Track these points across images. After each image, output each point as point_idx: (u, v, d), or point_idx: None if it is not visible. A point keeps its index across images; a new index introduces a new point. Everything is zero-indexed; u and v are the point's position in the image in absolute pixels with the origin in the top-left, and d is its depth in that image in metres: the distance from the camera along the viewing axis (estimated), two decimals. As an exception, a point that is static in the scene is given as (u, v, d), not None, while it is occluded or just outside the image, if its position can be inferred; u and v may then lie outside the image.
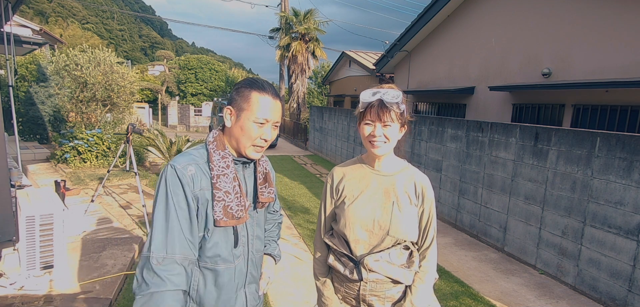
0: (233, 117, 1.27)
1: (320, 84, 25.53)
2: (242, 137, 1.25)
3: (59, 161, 8.00)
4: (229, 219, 1.22)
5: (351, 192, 1.46)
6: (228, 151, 1.28)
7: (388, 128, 1.35)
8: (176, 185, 1.17)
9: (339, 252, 1.48)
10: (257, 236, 1.40)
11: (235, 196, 1.24)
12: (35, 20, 27.77)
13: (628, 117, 5.05)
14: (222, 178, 1.22)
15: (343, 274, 1.46)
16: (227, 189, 1.22)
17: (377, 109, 1.34)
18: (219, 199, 1.21)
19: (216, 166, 1.23)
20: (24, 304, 2.85)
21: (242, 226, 1.32)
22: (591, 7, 5.46)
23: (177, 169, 1.18)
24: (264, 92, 1.25)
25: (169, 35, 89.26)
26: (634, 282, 3.31)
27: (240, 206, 1.25)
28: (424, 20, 8.74)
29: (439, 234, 5.40)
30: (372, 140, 1.37)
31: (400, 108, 1.37)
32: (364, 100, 1.38)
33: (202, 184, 1.21)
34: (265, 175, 1.41)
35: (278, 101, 1.30)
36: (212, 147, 1.26)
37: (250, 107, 1.23)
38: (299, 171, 9.54)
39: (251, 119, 1.23)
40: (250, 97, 1.24)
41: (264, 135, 1.26)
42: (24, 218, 3.08)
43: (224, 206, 1.21)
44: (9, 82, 5.23)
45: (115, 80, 9.11)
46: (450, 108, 8.74)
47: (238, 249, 1.31)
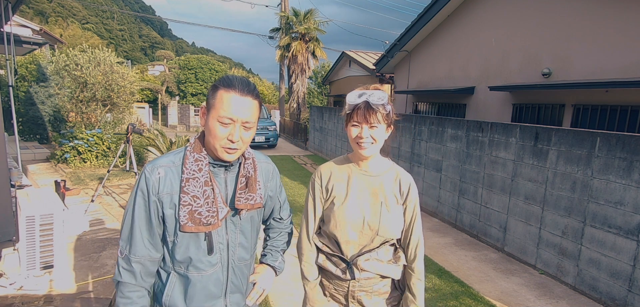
0: (204, 116, 1.23)
1: (320, 84, 25.53)
2: (209, 137, 1.19)
3: (59, 161, 8.00)
4: (196, 225, 1.17)
5: (340, 192, 1.46)
6: (204, 154, 1.22)
7: (374, 129, 1.37)
8: (142, 186, 1.19)
9: (329, 253, 1.49)
10: (241, 244, 1.31)
11: (206, 201, 1.18)
12: (35, 20, 27.76)
13: (628, 117, 5.05)
14: (192, 182, 1.18)
15: (335, 274, 1.48)
16: (195, 193, 1.17)
17: (364, 111, 1.35)
18: (185, 203, 1.17)
19: (188, 169, 1.19)
20: (24, 304, 2.85)
21: (220, 233, 1.25)
22: (591, 7, 5.46)
23: (146, 170, 1.20)
24: (229, 89, 1.16)
25: (169, 35, 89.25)
26: (634, 282, 3.31)
27: (211, 212, 1.19)
28: (424, 20, 8.73)
29: (439, 234, 5.40)
30: (359, 142, 1.38)
31: (386, 109, 1.38)
32: (350, 102, 1.39)
33: (169, 188, 1.19)
34: (248, 179, 1.29)
35: (248, 98, 1.18)
36: (189, 149, 1.23)
37: (215, 105, 1.16)
38: (299, 171, 9.54)
39: (215, 118, 1.16)
40: (216, 94, 1.17)
41: (230, 135, 1.16)
42: (24, 218, 3.08)
43: (191, 211, 1.17)
44: (9, 82, 5.23)
45: (115, 80, 9.11)
46: (450, 108, 8.74)
47: (214, 256, 1.24)
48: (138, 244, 1.18)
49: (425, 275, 3.98)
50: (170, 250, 1.23)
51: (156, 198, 1.18)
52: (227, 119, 1.15)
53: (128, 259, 1.19)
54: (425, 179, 6.37)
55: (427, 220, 6.02)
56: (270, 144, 13.83)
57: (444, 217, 5.99)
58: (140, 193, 1.18)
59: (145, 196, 1.18)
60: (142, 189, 1.18)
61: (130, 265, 1.19)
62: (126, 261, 1.19)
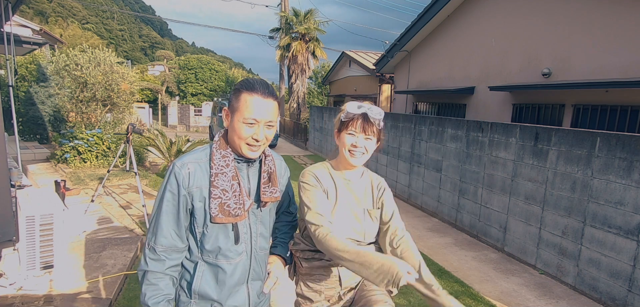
0: (229, 118, 1.32)
1: (320, 84, 25.53)
2: (235, 137, 1.29)
3: (59, 161, 8.00)
4: (226, 216, 1.27)
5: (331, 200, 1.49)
6: (230, 150, 1.32)
7: (369, 141, 1.44)
8: (172, 182, 1.26)
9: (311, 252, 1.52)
10: (261, 234, 1.42)
11: (234, 194, 1.28)
12: (35, 20, 27.77)
13: (628, 117, 5.05)
14: (221, 176, 1.27)
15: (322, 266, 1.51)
16: (224, 187, 1.27)
17: (363, 122, 1.42)
18: (216, 196, 1.26)
19: (216, 165, 1.28)
20: (24, 304, 2.85)
21: (244, 223, 1.35)
22: (591, 7, 5.46)
23: (175, 166, 1.27)
24: (253, 92, 1.26)
25: (169, 35, 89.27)
26: (634, 282, 3.31)
27: (239, 204, 1.29)
28: (424, 20, 8.74)
29: (439, 234, 5.39)
30: (353, 150, 1.43)
31: (380, 125, 1.46)
32: (350, 111, 1.44)
33: (199, 182, 1.27)
34: (270, 174, 1.42)
35: (270, 100, 1.29)
36: (215, 147, 1.32)
37: (240, 107, 1.26)
38: (299, 171, 9.53)
39: (241, 120, 1.26)
40: (240, 97, 1.27)
41: (255, 135, 1.27)
42: (24, 218, 3.08)
43: (221, 203, 1.26)
44: (9, 82, 5.23)
45: (115, 80, 9.11)
46: (450, 108, 8.74)
47: (240, 245, 1.34)
48: (165, 235, 1.26)
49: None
50: (198, 240, 1.30)
51: (186, 192, 1.26)
52: (252, 120, 1.25)
53: (153, 249, 1.26)
54: (425, 179, 6.37)
55: (427, 220, 6.02)
56: (271, 144, 13.82)
57: (444, 217, 5.99)
58: (169, 187, 1.26)
59: (174, 190, 1.26)
60: (172, 183, 1.26)
61: (156, 254, 1.26)
62: (152, 251, 1.26)
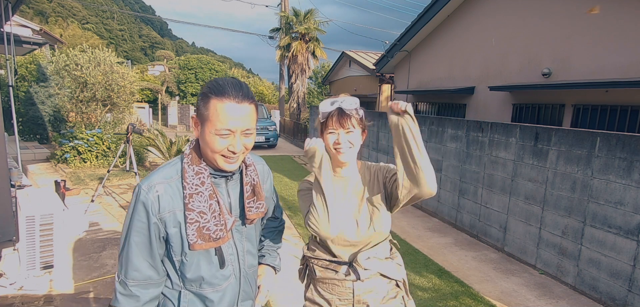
0: (198, 127, 1.13)
1: (320, 84, 25.53)
2: (207, 150, 1.11)
3: (59, 161, 8.00)
4: (206, 242, 1.11)
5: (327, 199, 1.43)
6: (204, 165, 1.14)
7: (351, 134, 1.40)
8: (138, 209, 1.09)
9: (327, 261, 1.47)
10: (248, 251, 1.28)
11: (213, 215, 1.12)
12: (35, 20, 27.77)
13: (628, 117, 5.04)
14: (196, 197, 1.10)
15: (337, 278, 1.43)
16: (201, 209, 1.10)
17: (338, 117, 1.38)
18: (192, 220, 1.09)
19: (189, 184, 1.10)
20: (24, 304, 2.85)
21: (229, 244, 1.20)
22: (591, 7, 5.46)
23: (141, 190, 1.09)
24: (224, 98, 1.06)
25: (169, 35, 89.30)
26: (634, 282, 3.31)
27: (220, 226, 1.13)
28: (424, 20, 8.73)
29: (439, 234, 5.39)
30: (337, 148, 1.40)
31: (359, 113, 1.42)
32: (324, 111, 1.41)
33: (172, 205, 1.10)
34: (254, 187, 1.25)
35: (245, 104, 1.09)
36: (187, 162, 1.13)
37: (210, 117, 1.06)
38: (299, 171, 9.54)
39: (212, 131, 1.07)
40: (209, 104, 1.07)
41: (231, 146, 1.09)
42: (24, 218, 3.08)
43: (198, 228, 1.10)
44: (9, 82, 5.23)
45: (115, 80, 9.11)
46: (450, 108, 8.74)
47: (227, 269, 1.19)
48: (137, 268, 1.10)
49: (425, 275, 3.98)
50: (178, 269, 1.15)
51: (157, 219, 1.09)
52: (226, 131, 1.07)
53: (124, 283, 1.11)
54: (425, 179, 6.35)
55: (427, 220, 6.02)
56: (270, 144, 13.83)
57: (444, 217, 5.99)
58: (137, 215, 1.09)
59: (143, 218, 1.08)
60: (139, 211, 1.08)
61: (128, 289, 1.10)
62: (123, 285, 1.11)
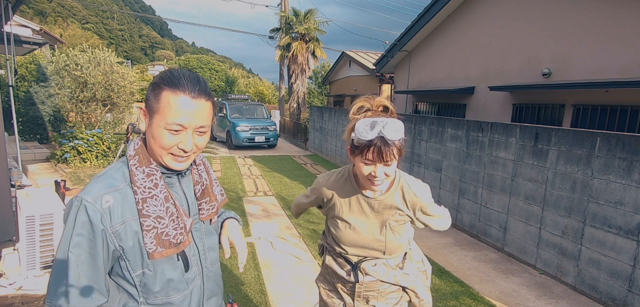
0: (146, 118, 1.03)
1: (320, 84, 25.53)
2: (154, 145, 1.01)
3: (59, 160, 8.00)
4: (166, 249, 1.01)
5: (343, 215, 1.43)
6: (155, 165, 1.03)
7: (389, 166, 1.23)
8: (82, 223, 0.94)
9: (336, 253, 1.51)
10: (210, 248, 1.21)
11: (171, 219, 1.02)
12: (35, 20, 27.76)
13: (628, 117, 5.05)
14: (150, 201, 1.00)
15: (339, 274, 1.50)
16: (158, 213, 1.00)
17: (379, 150, 1.18)
18: (149, 227, 0.99)
19: (140, 188, 0.99)
20: (24, 304, 2.85)
21: (191, 244, 1.13)
22: (591, 7, 5.46)
23: (86, 201, 0.94)
24: (177, 90, 0.97)
25: (169, 35, 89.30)
26: (634, 282, 3.31)
27: (179, 229, 1.04)
28: (424, 20, 8.74)
29: (439, 234, 5.40)
30: (372, 180, 1.25)
31: (401, 141, 1.22)
32: (362, 137, 1.19)
33: (124, 216, 0.98)
34: (203, 188, 1.17)
35: (201, 100, 1.00)
36: (134, 164, 1.01)
37: (160, 109, 0.97)
38: (299, 171, 9.54)
39: (162, 125, 0.97)
40: (160, 96, 0.97)
41: (181, 144, 0.99)
42: (24, 218, 3.08)
43: (157, 235, 1.00)
44: (9, 82, 5.24)
45: (115, 80, 9.11)
46: (450, 108, 8.74)
47: (191, 271, 1.12)
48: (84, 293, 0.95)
49: (425, 275, 3.98)
50: (139, 285, 1.03)
51: (109, 233, 0.96)
52: (177, 126, 0.97)
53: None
54: (425, 179, 6.37)
55: (427, 220, 6.02)
56: (270, 144, 13.83)
57: (444, 217, 5.98)
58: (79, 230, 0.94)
59: (88, 234, 0.94)
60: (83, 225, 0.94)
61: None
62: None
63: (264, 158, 11.40)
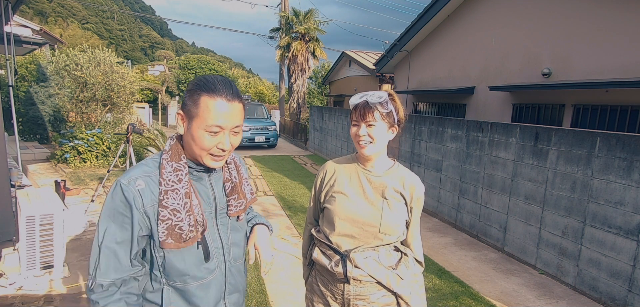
0: (184, 123, 1.12)
1: (320, 84, 25.52)
2: (194, 147, 1.10)
3: (59, 160, 8.00)
4: (175, 241, 1.08)
5: (342, 188, 1.47)
6: (184, 162, 1.13)
7: (372, 128, 1.37)
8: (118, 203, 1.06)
9: (325, 245, 1.48)
10: (235, 243, 1.27)
11: (187, 214, 1.09)
12: (35, 20, 27.76)
13: (628, 117, 5.05)
14: (171, 194, 1.08)
15: (328, 268, 1.45)
16: (175, 206, 1.08)
17: (361, 109, 1.38)
18: (164, 218, 1.07)
19: (165, 180, 1.08)
20: (24, 304, 2.85)
21: (213, 235, 1.19)
22: (591, 7, 5.46)
23: (122, 185, 1.06)
24: (215, 95, 1.07)
25: (169, 35, 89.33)
26: (634, 282, 3.31)
27: (191, 226, 1.10)
28: (424, 20, 8.73)
29: (439, 234, 5.40)
30: (358, 140, 1.40)
31: (386, 108, 1.38)
32: (352, 103, 1.43)
33: (154, 199, 1.09)
34: (233, 185, 1.25)
35: (236, 103, 1.11)
36: (166, 158, 1.12)
37: (200, 113, 1.07)
38: (299, 171, 9.54)
39: (202, 128, 1.07)
40: (199, 101, 1.07)
41: (220, 144, 1.10)
42: (24, 218, 3.08)
43: (170, 226, 1.07)
44: (9, 82, 5.24)
45: (115, 80, 9.11)
46: (450, 108, 8.74)
47: (212, 262, 1.18)
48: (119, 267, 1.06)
49: (425, 275, 3.98)
50: (160, 265, 1.13)
51: (141, 214, 1.06)
52: (217, 128, 1.07)
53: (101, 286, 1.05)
54: (425, 179, 6.37)
55: (427, 220, 6.02)
56: (270, 144, 13.83)
57: (444, 217, 5.99)
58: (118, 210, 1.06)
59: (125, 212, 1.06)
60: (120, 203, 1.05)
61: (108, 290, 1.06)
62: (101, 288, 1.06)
63: (264, 158, 11.40)
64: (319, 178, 1.58)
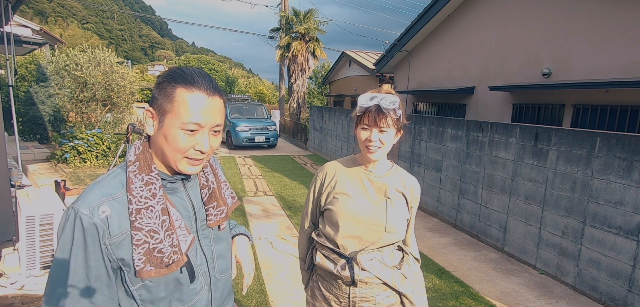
0: (155, 121, 0.94)
1: (320, 84, 25.53)
2: (167, 148, 0.93)
3: (59, 160, 8.00)
4: (156, 268, 0.91)
5: (345, 189, 1.46)
6: (156, 173, 0.95)
7: (384, 133, 1.37)
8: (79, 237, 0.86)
9: (328, 249, 1.45)
10: (220, 255, 1.12)
11: (167, 234, 0.93)
12: (35, 20, 27.76)
13: (628, 117, 5.05)
14: (145, 213, 0.91)
15: (333, 272, 1.42)
16: (152, 227, 0.91)
17: (374, 114, 1.35)
18: (140, 241, 0.90)
19: (136, 198, 0.91)
20: (24, 304, 2.86)
21: (197, 252, 1.04)
22: (591, 7, 5.46)
23: (81, 212, 0.87)
24: (193, 88, 0.91)
25: (169, 35, 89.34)
26: (634, 282, 3.31)
27: (174, 246, 0.94)
28: (424, 20, 8.74)
29: (439, 234, 5.40)
30: (368, 145, 1.38)
31: (397, 113, 1.38)
32: (362, 105, 1.38)
33: (122, 227, 0.90)
34: (211, 193, 1.09)
35: (216, 98, 0.95)
36: (133, 170, 0.93)
37: (175, 109, 0.90)
38: (299, 171, 9.54)
39: (177, 126, 0.91)
40: (174, 95, 0.91)
41: (198, 145, 0.93)
42: (24, 218, 3.08)
43: (148, 250, 0.90)
44: (9, 82, 5.24)
45: (115, 80, 9.11)
46: (450, 108, 8.74)
47: (197, 281, 1.03)
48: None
49: (425, 275, 3.98)
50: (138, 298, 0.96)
51: (107, 245, 0.88)
52: (194, 126, 0.91)
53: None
54: (425, 179, 6.38)
55: (427, 220, 6.02)
56: (270, 144, 13.83)
57: (444, 217, 5.99)
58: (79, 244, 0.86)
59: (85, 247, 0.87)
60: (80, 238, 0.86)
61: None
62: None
63: (264, 158, 11.40)
64: (318, 180, 1.54)
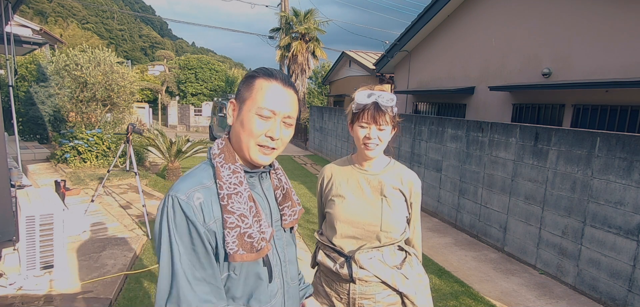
0: (235, 111, 1.02)
1: (320, 84, 25.52)
2: (242, 134, 0.99)
3: (59, 160, 8.00)
4: (247, 252, 0.93)
5: (340, 191, 1.48)
6: (239, 164, 1.00)
7: (382, 131, 1.38)
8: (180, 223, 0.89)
9: (329, 248, 1.49)
10: (290, 261, 1.13)
11: (255, 219, 0.96)
12: (35, 20, 27.75)
13: (628, 117, 5.05)
14: (235, 198, 0.94)
15: (333, 270, 1.45)
16: (242, 211, 0.93)
17: (373, 112, 1.35)
18: (232, 225, 0.92)
19: (226, 184, 0.94)
20: (24, 304, 2.85)
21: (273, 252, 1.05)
22: (591, 7, 5.46)
23: (180, 201, 0.89)
24: (271, 79, 0.99)
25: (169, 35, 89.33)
26: (634, 282, 3.31)
27: (262, 232, 0.97)
28: (424, 20, 8.74)
29: (439, 234, 5.40)
30: (366, 143, 1.39)
31: (394, 111, 1.40)
32: (359, 102, 1.38)
33: (215, 213, 0.93)
34: (285, 192, 1.14)
35: (291, 91, 1.02)
36: (219, 161, 0.98)
37: (252, 95, 0.98)
38: (299, 171, 9.54)
39: (253, 110, 0.97)
40: (253, 84, 0.99)
41: (270, 131, 0.98)
42: (24, 218, 3.08)
43: (240, 234, 0.92)
44: (9, 82, 5.24)
45: (115, 80, 9.11)
46: (451, 108, 8.74)
47: (273, 283, 1.03)
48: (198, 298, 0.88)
49: (425, 275, 3.98)
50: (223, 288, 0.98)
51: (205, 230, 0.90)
52: (268, 112, 0.97)
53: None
54: (425, 179, 6.37)
55: (427, 220, 6.02)
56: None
57: (444, 217, 5.99)
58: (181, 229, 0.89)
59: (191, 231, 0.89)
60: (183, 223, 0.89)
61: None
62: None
63: (264, 158, 11.38)
64: (319, 183, 1.59)
